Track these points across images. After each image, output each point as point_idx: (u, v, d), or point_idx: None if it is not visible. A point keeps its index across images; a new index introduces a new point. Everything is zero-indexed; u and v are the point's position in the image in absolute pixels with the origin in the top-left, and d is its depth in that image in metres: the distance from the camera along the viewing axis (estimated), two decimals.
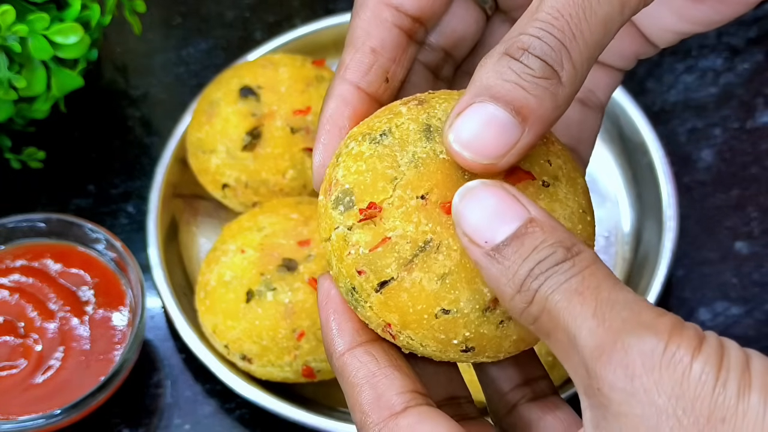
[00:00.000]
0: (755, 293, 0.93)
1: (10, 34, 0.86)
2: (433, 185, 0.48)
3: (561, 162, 0.50)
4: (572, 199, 0.50)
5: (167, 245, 0.95)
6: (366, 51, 0.53)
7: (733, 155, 1.01)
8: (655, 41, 0.60)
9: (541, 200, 0.49)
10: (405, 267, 0.48)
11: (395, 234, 0.48)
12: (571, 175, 0.50)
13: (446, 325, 0.49)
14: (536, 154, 0.49)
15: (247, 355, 0.84)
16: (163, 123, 1.04)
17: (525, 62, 0.45)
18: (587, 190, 0.51)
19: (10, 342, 0.85)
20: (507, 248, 0.44)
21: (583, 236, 0.50)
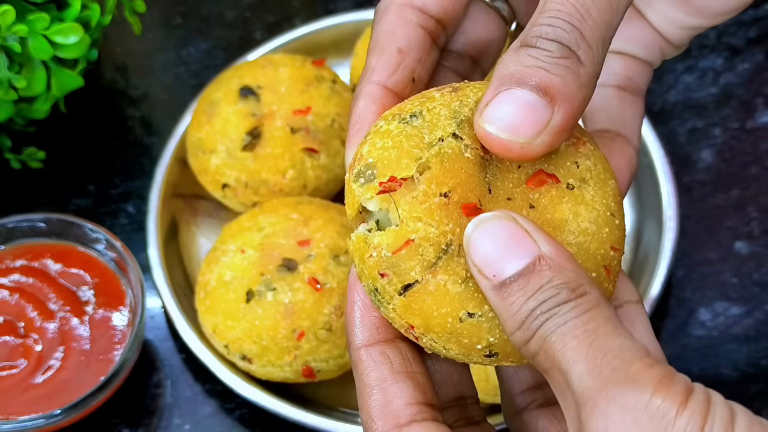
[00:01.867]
0: (755, 293, 0.93)
1: (10, 34, 0.86)
2: (456, 184, 0.47)
3: (590, 164, 0.50)
4: (600, 202, 0.49)
5: (167, 245, 0.95)
6: (393, 51, 0.53)
7: (733, 155, 1.01)
8: (669, 38, 0.61)
9: (564, 203, 0.49)
10: (429, 270, 0.47)
11: (418, 236, 0.47)
12: (601, 177, 0.50)
13: (470, 329, 0.48)
14: (563, 156, 0.49)
15: (247, 355, 0.84)
16: (163, 123, 1.04)
17: (542, 47, 0.46)
18: (619, 193, 0.51)
19: (10, 342, 0.85)
20: (513, 285, 0.44)
21: (610, 239, 0.50)
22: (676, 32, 0.61)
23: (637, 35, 0.61)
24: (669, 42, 0.61)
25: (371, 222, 0.49)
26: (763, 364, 0.89)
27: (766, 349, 0.90)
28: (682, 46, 0.63)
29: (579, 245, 0.49)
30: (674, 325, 0.92)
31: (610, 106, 0.60)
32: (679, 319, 0.92)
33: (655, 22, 0.61)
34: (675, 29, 0.61)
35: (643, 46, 0.61)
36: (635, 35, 0.61)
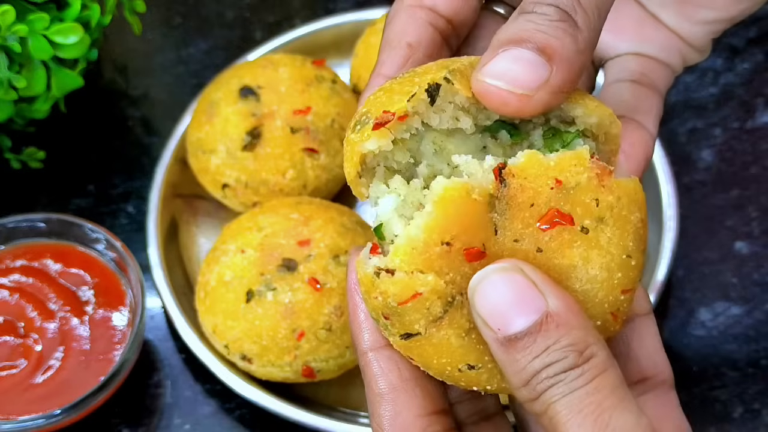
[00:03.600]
0: (755, 293, 0.93)
1: (10, 34, 0.86)
2: (459, 231, 0.46)
3: (613, 199, 0.48)
4: (616, 244, 0.48)
5: (167, 245, 0.95)
6: (402, 46, 0.54)
7: (733, 155, 1.01)
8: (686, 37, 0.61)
9: (575, 248, 0.47)
10: (434, 324, 0.47)
11: (427, 290, 0.46)
12: (622, 214, 0.48)
13: (469, 377, 0.48)
14: (584, 190, 0.47)
15: (247, 355, 0.84)
16: (163, 123, 1.04)
17: (539, 11, 0.47)
18: (641, 227, 0.49)
19: (10, 342, 0.85)
20: (519, 342, 0.44)
21: (622, 284, 0.48)
22: (692, 30, 0.61)
23: (652, 36, 0.61)
24: (688, 43, 0.62)
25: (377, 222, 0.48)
26: (763, 364, 0.89)
27: (766, 349, 0.90)
28: (703, 49, 0.63)
29: (585, 293, 0.48)
30: (674, 325, 0.92)
31: (624, 97, 0.60)
32: (679, 319, 0.92)
33: (670, 23, 0.61)
34: (689, 26, 0.61)
35: (659, 47, 0.62)
36: (650, 36, 0.62)
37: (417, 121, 0.48)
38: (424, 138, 0.50)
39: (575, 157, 0.47)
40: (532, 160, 0.46)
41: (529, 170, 0.46)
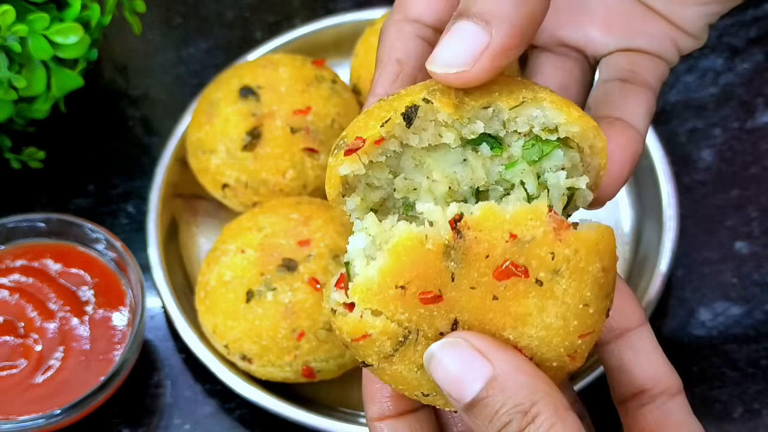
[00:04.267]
0: (755, 293, 0.93)
1: (10, 34, 0.86)
2: (414, 276, 0.48)
3: (570, 252, 0.48)
4: (572, 295, 0.49)
5: (167, 245, 0.95)
6: (392, 63, 0.56)
7: (733, 155, 1.01)
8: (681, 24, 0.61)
9: (531, 297, 0.48)
10: (386, 360, 0.50)
11: (375, 332, 0.49)
12: (580, 266, 0.48)
13: (427, 400, 0.52)
14: (540, 244, 0.48)
15: (247, 355, 0.84)
16: (163, 123, 1.04)
17: None
18: (601, 276, 0.49)
19: (10, 342, 0.85)
20: (473, 410, 0.47)
21: (579, 330, 0.49)
22: (685, 13, 0.60)
23: (642, 29, 0.61)
24: (681, 29, 0.61)
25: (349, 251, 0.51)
26: (763, 364, 0.89)
27: (766, 349, 0.90)
28: (698, 34, 0.62)
29: (541, 339, 0.49)
30: (674, 325, 0.92)
31: (611, 96, 0.60)
32: (679, 319, 0.92)
33: (662, 8, 0.60)
34: (682, 8, 0.60)
35: (650, 39, 0.61)
36: (640, 29, 0.61)
37: (394, 144, 0.50)
38: (404, 155, 0.51)
39: (532, 212, 0.48)
40: (488, 213, 0.47)
41: (484, 223, 0.47)
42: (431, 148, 0.51)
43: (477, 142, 0.51)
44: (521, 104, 0.50)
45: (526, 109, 0.50)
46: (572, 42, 0.63)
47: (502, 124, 0.51)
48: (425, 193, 0.51)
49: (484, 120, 0.50)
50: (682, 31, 0.61)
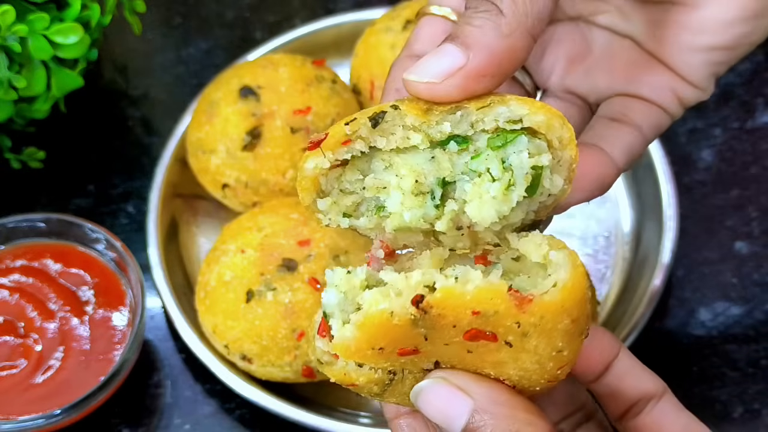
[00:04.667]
0: (755, 293, 0.93)
1: (10, 34, 0.86)
2: (387, 342, 0.50)
3: (536, 320, 0.49)
4: (544, 347, 0.50)
5: (167, 245, 0.95)
6: (392, 93, 0.60)
7: (733, 155, 1.01)
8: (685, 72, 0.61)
9: (503, 353, 0.50)
10: (376, 396, 0.54)
11: (361, 381, 0.52)
12: (547, 328, 0.49)
13: None
14: (504, 316, 0.48)
15: (247, 355, 0.84)
16: (163, 123, 1.04)
17: (470, 5, 0.52)
18: (572, 327, 0.50)
19: (10, 342, 0.85)
20: None
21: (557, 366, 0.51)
22: (690, 62, 0.61)
23: (642, 77, 0.63)
24: (684, 78, 0.61)
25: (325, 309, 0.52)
26: (763, 364, 0.89)
27: (766, 349, 0.90)
28: (703, 86, 0.62)
29: (521, 377, 0.51)
30: (674, 325, 0.92)
31: (595, 129, 0.62)
32: (679, 319, 0.92)
33: (667, 57, 0.61)
34: (687, 56, 0.61)
35: (649, 87, 0.62)
36: (641, 77, 0.63)
37: (361, 144, 0.52)
38: (375, 158, 0.53)
39: (492, 291, 0.48)
40: (448, 294, 0.48)
41: (446, 302, 0.48)
42: (400, 150, 0.53)
43: (445, 142, 0.52)
44: (488, 105, 0.52)
45: (493, 108, 0.52)
46: (577, 90, 0.65)
47: (470, 125, 0.52)
48: (394, 189, 0.52)
49: (453, 122, 0.52)
50: (686, 81, 0.62)
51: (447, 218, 0.52)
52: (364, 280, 0.51)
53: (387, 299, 0.49)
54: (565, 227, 0.96)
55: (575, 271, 0.49)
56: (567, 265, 0.49)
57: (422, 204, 0.52)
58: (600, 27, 0.64)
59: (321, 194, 0.53)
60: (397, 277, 0.49)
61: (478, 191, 0.51)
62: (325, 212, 0.54)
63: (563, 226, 0.96)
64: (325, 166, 0.52)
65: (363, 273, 0.52)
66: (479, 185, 0.51)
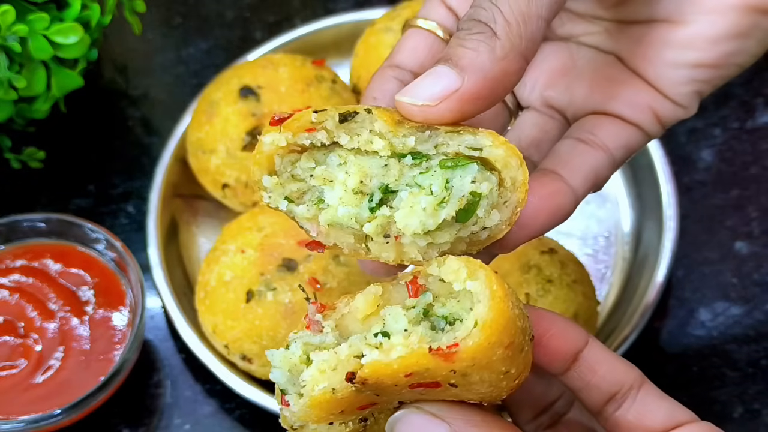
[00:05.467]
0: (755, 293, 0.93)
1: (10, 34, 0.86)
2: (341, 411, 0.51)
3: (468, 363, 0.49)
4: (488, 374, 0.51)
5: (167, 245, 0.95)
6: (369, 100, 0.60)
7: (733, 155, 1.01)
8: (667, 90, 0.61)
9: (453, 391, 0.51)
10: None
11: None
12: (483, 363, 0.50)
13: None
14: (437, 369, 0.49)
15: (247, 355, 0.84)
16: (163, 123, 1.04)
17: (463, 27, 0.52)
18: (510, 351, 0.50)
19: (10, 342, 0.85)
20: None
21: (512, 381, 0.52)
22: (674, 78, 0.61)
23: (624, 94, 0.63)
24: (668, 96, 0.61)
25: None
26: (763, 364, 0.89)
27: (766, 349, 0.90)
28: (685, 104, 0.62)
29: (481, 398, 0.53)
30: (674, 325, 0.92)
31: (559, 152, 0.62)
32: (679, 319, 0.92)
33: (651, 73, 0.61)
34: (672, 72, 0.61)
35: (629, 106, 0.62)
36: (620, 94, 0.63)
37: (324, 136, 0.52)
38: (333, 152, 0.53)
39: (415, 357, 0.49)
40: (375, 367, 0.49)
41: (376, 374, 0.49)
42: (359, 152, 0.53)
43: (404, 155, 0.53)
44: (458, 132, 0.52)
45: (461, 135, 0.52)
46: (555, 103, 0.65)
47: (434, 147, 0.53)
48: (338, 184, 0.53)
49: (419, 139, 0.52)
50: (667, 98, 0.62)
51: (377, 222, 0.53)
52: (302, 355, 0.52)
53: (325, 378, 0.50)
54: (565, 227, 0.96)
55: (494, 301, 0.49)
56: (485, 296, 0.49)
57: (358, 203, 0.53)
58: (587, 46, 0.64)
59: (273, 173, 0.53)
60: (327, 355, 0.51)
61: (411, 201, 0.52)
62: (269, 190, 0.54)
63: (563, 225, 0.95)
64: (280, 144, 0.52)
65: (299, 349, 0.52)
66: (415, 195, 0.52)
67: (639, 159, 0.96)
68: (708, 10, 0.58)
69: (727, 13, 0.58)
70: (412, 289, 0.52)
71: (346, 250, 0.55)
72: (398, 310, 0.51)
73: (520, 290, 0.81)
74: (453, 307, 0.51)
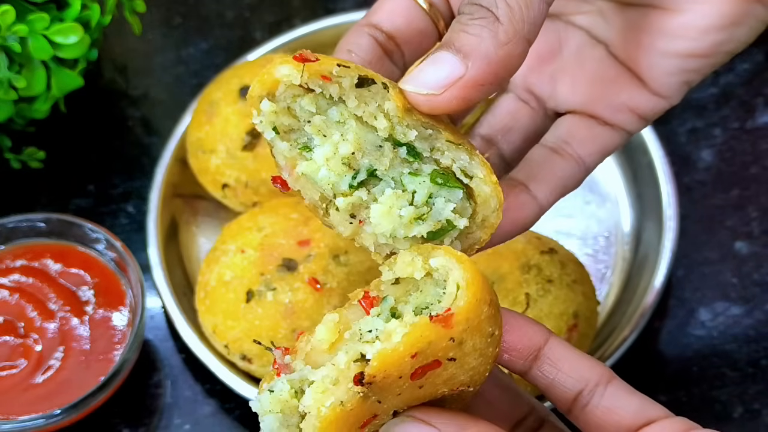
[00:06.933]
0: (755, 293, 0.93)
1: (10, 34, 0.86)
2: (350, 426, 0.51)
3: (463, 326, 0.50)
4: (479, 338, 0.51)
5: (167, 245, 0.95)
6: (343, 52, 0.61)
7: (733, 155, 1.01)
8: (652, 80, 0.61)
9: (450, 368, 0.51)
10: None
11: None
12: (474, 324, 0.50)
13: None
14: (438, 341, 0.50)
15: (247, 355, 0.84)
16: (163, 123, 1.04)
17: (464, 11, 0.52)
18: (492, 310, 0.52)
19: (10, 342, 0.85)
20: None
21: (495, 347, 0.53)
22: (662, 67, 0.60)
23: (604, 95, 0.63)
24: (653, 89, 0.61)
25: None
26: (763, 364, 0.89)
27: (766, 349, 0.90)
28: (669, 95, 0.62)
29: (471, 376, 0.53)
30: (674, 325, 0.92)
31: (533, 161, 0.63)
32: (679, 319, 0.92)
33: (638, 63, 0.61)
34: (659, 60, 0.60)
35: (609, 107, 0.62)
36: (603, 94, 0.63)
37: (335, 90, 0.52)
38: (337, 107, 0.53)
39: (418, 330, 0.49)
40: (383, 356, 0.49)
41: (385, 365, 0.49)
42: (362, 121, 0.53)
43: (401, 144, 0.53)
44: (457, 145, 0.52)
45: (459, 150, 0.52)
46: (537, 91, 0.65)
47: (430, 149, 0.53)
48: (330, 145, 0.53)
49: (420, 135, 0.52)
50: (652, 92, 0.62)
51: (351, 200, 0.53)
52: (291, 390, 0.52)
53: (329, 393, 0.50)
54: (565, 227, 0.96)
55: (463, 263, 0.50)
56: (453, 262, 0.50)
57: (341, 174, 0.53)
58: (577, 27, 0.64)
59: (271, 98, 0.53)
60: (325, 370, 0.50)
61: (391, 201, 0.52)
62: (263, 114, 0.53)
63: (564, 226, 0.96)
64: (294, 82, 0.52)
65: (285, 384, 0.52)
66: (397, 197, 0.52)
67: (639, 159, 0.96)
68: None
69: (720, 3, 0.58)
70: (367, 303, 0.52)
71: (306, 201, 0.55)
72: (367, 318, 0.51)
73: (519, 290, 0.81)
74: (418, 300, 0.52)
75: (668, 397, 0.87)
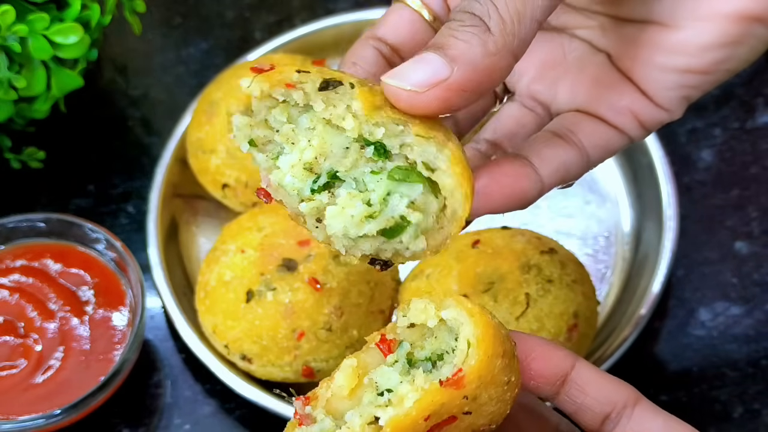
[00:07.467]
0: (755, 293, 0.93)
1: (10, 34, 0.86)
2: None
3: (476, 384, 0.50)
4: (494, 389, 0.51)
5: (167, 245, 0.95)
6: (348, 65, 0.61)
7: (733, 155, 1.01)
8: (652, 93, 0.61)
9: (467, 420, 0.51)
10: None
11: None
12: (488, 379, 0.51)
13: None
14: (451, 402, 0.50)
15: (247, 355, 0.84)
16: (163, 123, 1.04)
17: (456, 18, 0.52)
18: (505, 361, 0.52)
19: (10, 342, 0.85)
20: None
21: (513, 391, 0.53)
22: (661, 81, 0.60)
23: (607, 97, 0.62)
24: (653, 100, 0.61)
25: None
26: (763, 364, 0.89)
27: (766, 349, 0.90)
28: (670, 108, 0.62)
29: (491, 419, 0.53)
30: (674, 325, 0.92)
31: (534, 142, 0.62)
32: (679, 319, 0.92)
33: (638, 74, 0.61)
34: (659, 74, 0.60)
35: (611, 109, 0.62)
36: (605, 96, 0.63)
37: (299, 96, 0.52)
38: (307, 114, 0.53)
39: (429, 396, 0.50)
40: (395, 423, 0.49)
41: (398, 430, 0.49)
42: (330, 124, 0.53)
43: (369, 143, 0.53)
44: (427, 138, 0.52)
45: (427, 144, 0.52)
46: (540, 97, 0.65)
47: (400, 146, 0.52)
48: (298, 152, 0.53)
49: (389, 132, 0.52)
50: (652, 102, 0.61)
51: (312, 206, 0.53)
52: None
53: None
54: (565, 227, 0.96)
55: (475, 317, 0.50)
56: (464, 316, 0.50)
57: (304, 180, 0.53)
58: (580, 39, 0.64)
59: (249, 113, 0.53)
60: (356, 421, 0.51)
61: (346, 202, 0.52)
62: (238, 128, 0.54)
63: (564, 226, 0.96)
64: (254, 93, 0.52)
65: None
66: (352, 198, 0.52)
67: (639, 159, 0.96)
68: (701, 16, 0.58)
69: (720, 21, 0.58)
70: (384, 347, 0.53)
71: (288, 210, 0.55)
72: (384, 369, 0.52)
73: (520, 290, 0.81)
74: (433, 345, 0.52)
75: (668, 397, 0.87)
